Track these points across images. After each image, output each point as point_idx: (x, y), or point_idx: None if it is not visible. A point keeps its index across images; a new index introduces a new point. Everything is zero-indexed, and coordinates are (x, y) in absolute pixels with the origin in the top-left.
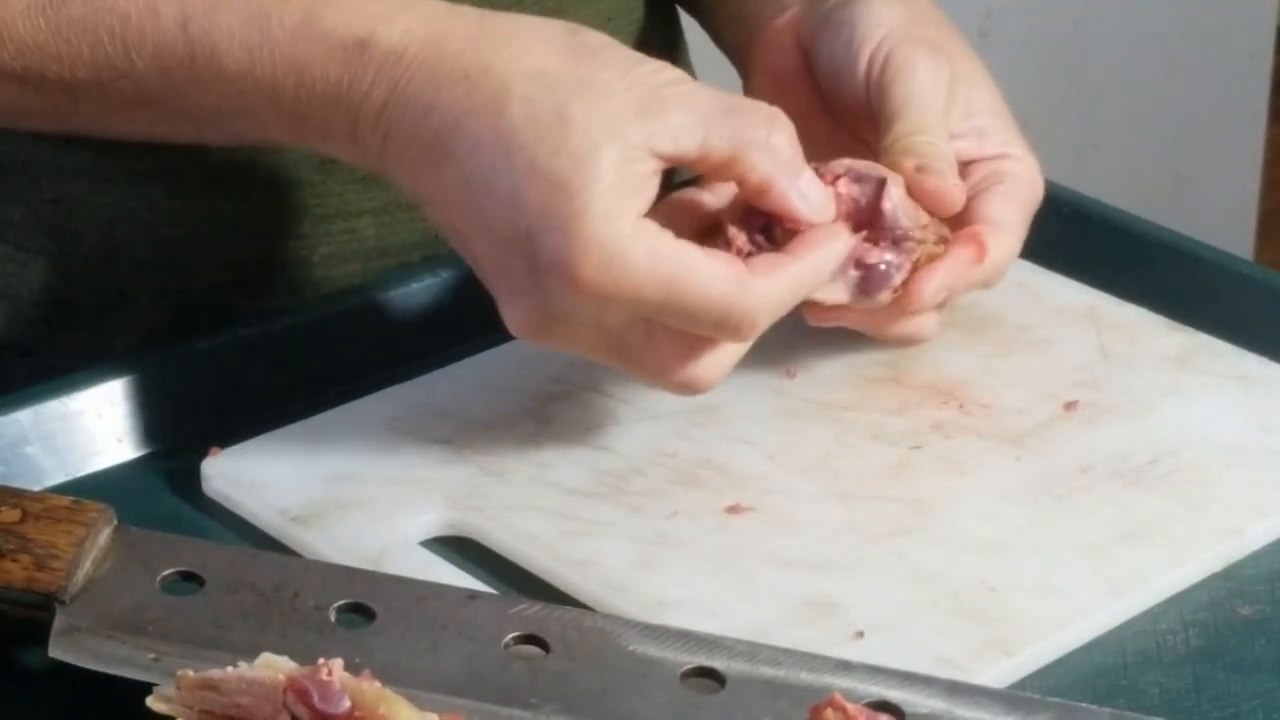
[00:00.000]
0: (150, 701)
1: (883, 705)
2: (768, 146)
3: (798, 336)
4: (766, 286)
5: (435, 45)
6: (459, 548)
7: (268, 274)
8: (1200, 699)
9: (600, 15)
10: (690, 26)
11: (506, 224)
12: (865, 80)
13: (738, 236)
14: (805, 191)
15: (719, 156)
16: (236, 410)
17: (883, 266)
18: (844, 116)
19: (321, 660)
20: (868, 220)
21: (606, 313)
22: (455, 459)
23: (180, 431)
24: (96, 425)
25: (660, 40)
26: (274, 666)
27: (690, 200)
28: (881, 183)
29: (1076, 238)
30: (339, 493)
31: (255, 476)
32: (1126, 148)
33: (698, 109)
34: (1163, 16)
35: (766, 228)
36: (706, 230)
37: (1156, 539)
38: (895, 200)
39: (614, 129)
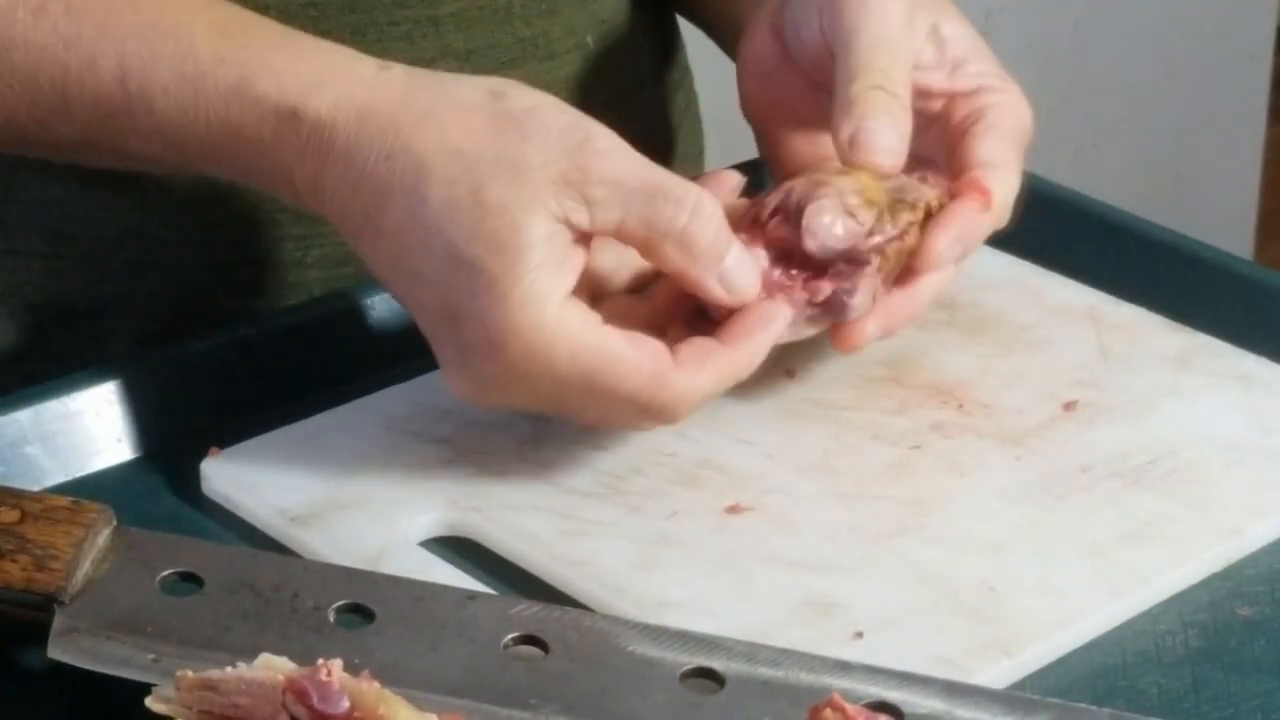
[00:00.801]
0: (149, 702)
1: (882, 706)
2: (683, 238)
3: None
4: (689, 378)
5: (361, 122)
6: (458, 548)
7: (260, 276)
8: (1199, 700)
9: (593, 18)
10: (688, 26)
11: (434, 304)
12: (820, 28)
13: (671, 331)
14: (727, 276)
15: (634, 240)
16: (236, 410)
17: (841, 295)
18: (826, 84)
19: (321, 661)
20: (804, 256)
21: (538, 388)
22: (454, 459)
23: (179, 432)
24: (96, 425)
25: (656, 42)
26: (273, 667)
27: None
28: (798, 221)
29: (1076, 238)
30: (338, 493)
31: (254, 477)
32: (1126, 148)
33: (620, 187)
34: (1163, 16)
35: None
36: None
37: (1156, 539)
38: (820, 229)
39: (534, 205)
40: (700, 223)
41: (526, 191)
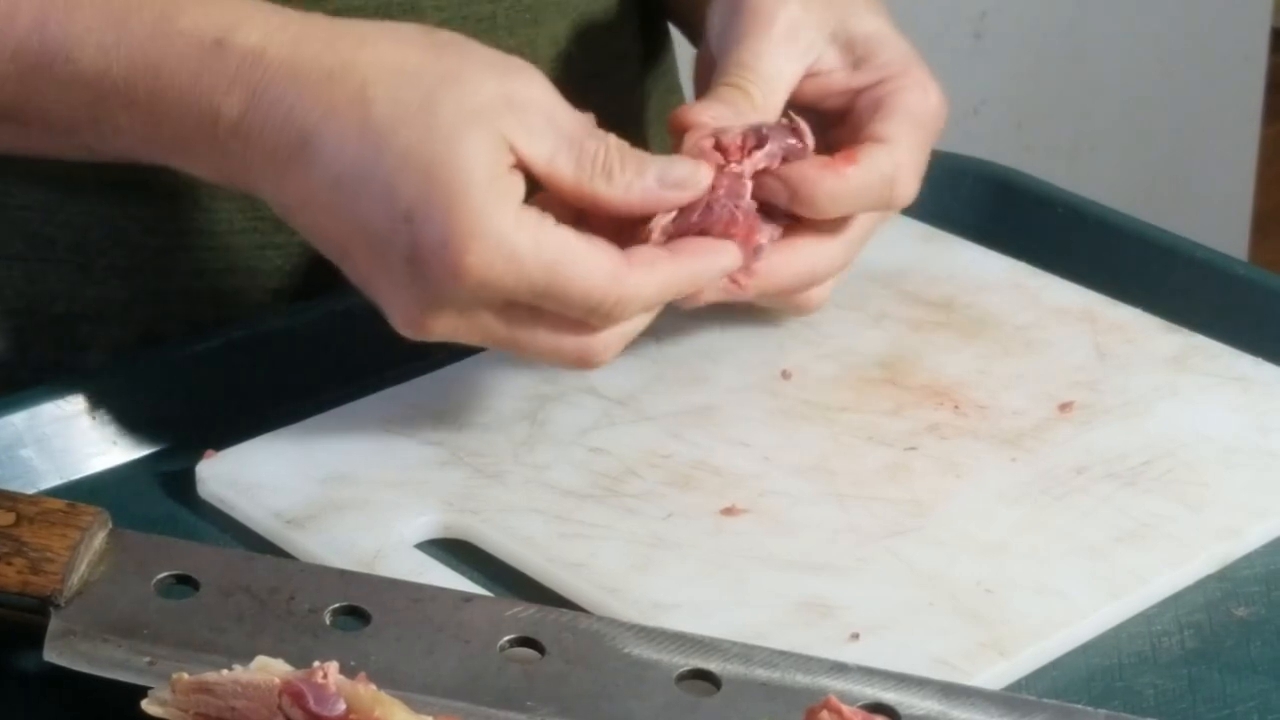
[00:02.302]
0: (145, 705)
1: (878, 707)
2: (608, 167)
3: (793, 338)
4: (640, 279)
5: (294, 46)
6: (454, 550)
7: (242, 284)
8: (1195, 700)
9: (577, 27)
10: (680, 40)
11: (382, 218)
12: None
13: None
14: (665, 172)
15: (563, 178)
16: (231, 412)
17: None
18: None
19: (317, 663)
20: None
21: (487, 297)
22: (450, 461)
23: (175, 434)
24: (91, 428)
25: (643, 50)
26: (269, 669)
27: None
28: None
29: (1072, 239)
30: (334, 495)
31: (250, 479)
32: (1122, 149)
33: (553, 120)
34: (1158, 17)
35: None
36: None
37: (1153, 540)
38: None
39: (482, 116)
40: (617, 150)
41: (476, 102)
